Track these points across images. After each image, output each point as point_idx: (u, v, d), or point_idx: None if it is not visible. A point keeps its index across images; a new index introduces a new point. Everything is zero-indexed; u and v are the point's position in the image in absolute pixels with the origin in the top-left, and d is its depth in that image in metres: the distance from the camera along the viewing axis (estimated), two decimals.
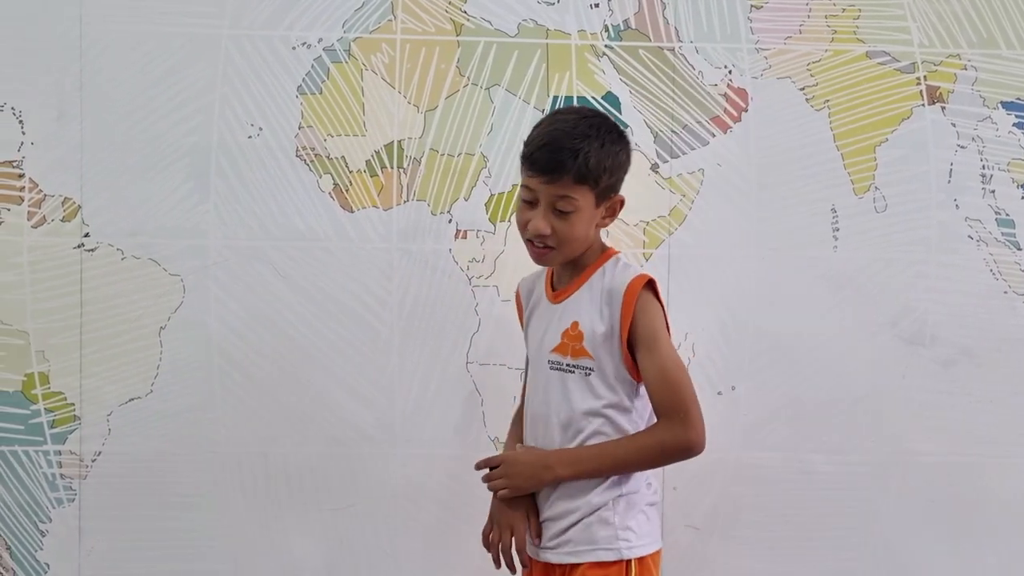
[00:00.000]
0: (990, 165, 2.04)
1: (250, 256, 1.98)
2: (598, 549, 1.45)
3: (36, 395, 1.97)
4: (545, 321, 1.55)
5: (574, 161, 1.41)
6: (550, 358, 1.51)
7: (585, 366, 1.48)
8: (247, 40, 1.97)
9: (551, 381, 1.51)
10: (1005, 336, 2.03)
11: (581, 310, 1.49)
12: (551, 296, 1.56)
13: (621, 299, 1.46)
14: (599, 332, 1.47)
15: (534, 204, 1.46)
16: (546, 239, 1.45)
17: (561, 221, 1.44)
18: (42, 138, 1.96)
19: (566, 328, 1.49)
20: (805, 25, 2.03)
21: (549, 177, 1.42)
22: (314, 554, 2.00)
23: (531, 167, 1.44)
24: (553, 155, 1.42)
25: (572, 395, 1.49)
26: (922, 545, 2.04)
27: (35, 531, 1.98)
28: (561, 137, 1.43)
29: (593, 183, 1.44)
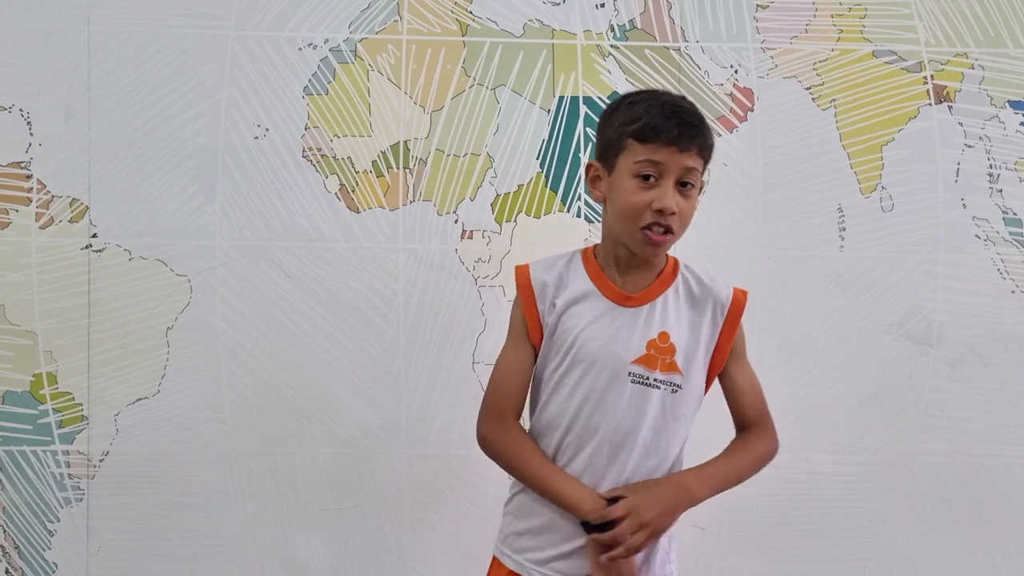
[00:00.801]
0: (997, 164, 2.03)
1: (256, 256, 1.98)
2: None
3: (44, 395, 1.98)
4: (609, 323, 1.35)
5: (702, 129, 1.32)
6: (632, 370, 1.33)
7: (674, 383, 1.35)
8: (253, 41, 1.98)
9: (625, 395, 1.33)
10: (1013, 335, 2.02)
11: (669, 319, 1.36)
12: (618, 297, 1.36)
13: (727, 312, 1.39)
14: (695, 347, 1.36)
15: (653, 182, 1.31)
16: (672, 219, 1.30)
17: (684, 199, 1.31)
18: (50, 139, 1.97)
19: (652, 338, 1.34)
20: (811, 24, 2.03)
21: (687, 145, 1.29)
22: (320, 554, 2.00)
23: (662, 136, 1.29)
24: (687, 123, 1.30)
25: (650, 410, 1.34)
26: (930, 545, 2.03)
27: (43, 531, 1.99)
28: (686, 109, 1.34)
29: (709, 158, 1.35)
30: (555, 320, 1.37)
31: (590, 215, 2.01)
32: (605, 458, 1.35)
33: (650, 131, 1.30)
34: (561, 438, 1.37)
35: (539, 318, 1.39)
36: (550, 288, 1.39)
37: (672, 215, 1.30)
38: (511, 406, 1.40)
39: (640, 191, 1.31)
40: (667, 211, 1.29)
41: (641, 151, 1.30)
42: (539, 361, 1.40)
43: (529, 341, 1.40)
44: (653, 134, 1.29)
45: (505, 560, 1.41)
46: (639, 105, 1.33)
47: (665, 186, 1.30)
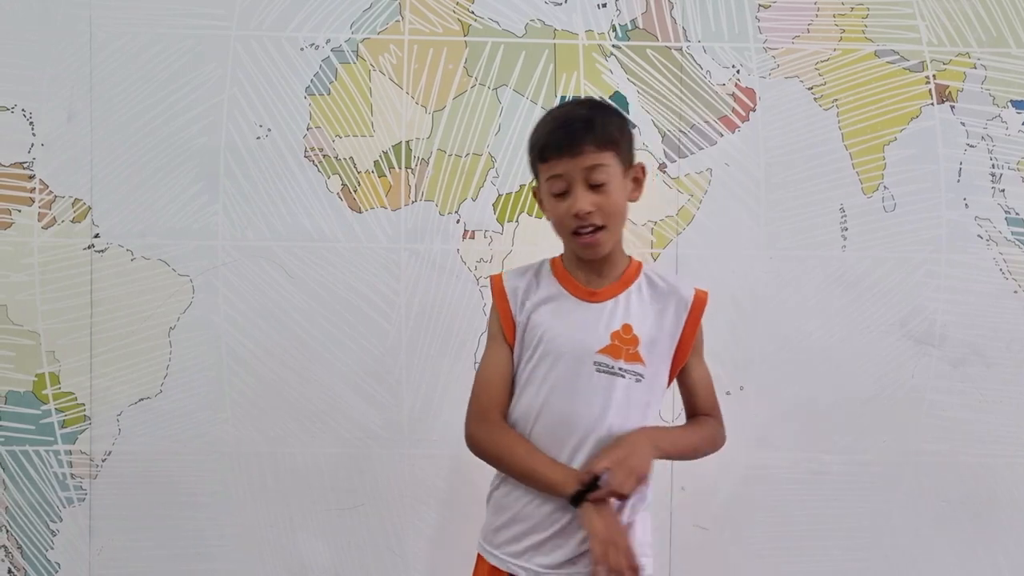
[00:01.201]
0: (1000, 164, 2.03)
1: (259, 256, 1.99)
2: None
3: (47, 395, 1.98)
4: (577, 320, 1.43)
5: (591, 129, 1.39)
6: (597, 359, 1.41)
7: (637, 372, 1.42)
8: (255, 41, 1.98)
9: (591, 383, 1.41)
10: (1015, 335, 2.02)
11: (633, 313, 1.43)
12: (583, 293, 1.45)
13: (689, 309, 1.46)
14: (658, 339, 1.44)
15: (566, 193, 1.40)
16: (592, 217, 1.39)
17: (600, 195, 1.39)
18: (52, 140, 1.97)
19: (616, 330, 1.42)
20: (813, 24, 2.03)
21: (571, 153, 1.38)
22: (322, 553, 2.00)
23: (553, 151, 1.39)
24: (569, 130, 1.39)
25: (615, 398, 1.41)
26: (932, 545, 2.03)
27: (46, 530, 1.99)
28: (570, 114, 1.42)
29: (615, 146, 1.40)
30: (525, 319, 1.46)
31: None
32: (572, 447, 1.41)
33: (543, 150, 1.41)
34: (532, 428, 1.44)
35: (512, 319, 1.47)
36: (520, 291, 1.48)
37: (589, 214, 1.39)
38: (495, 405, 1.47)
39: (558, 204, 1.41)
40: (581, 213, 1.38)
41: (545, 169, 1.41)
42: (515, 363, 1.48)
43: (506, 342, 1.48)
44: (546, 152, 1.41)
45: (487, 556, 1.48)
46: (536, 129, 1.45)
47: (575, 193, 1.39)
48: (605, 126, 1.40)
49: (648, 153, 2.00)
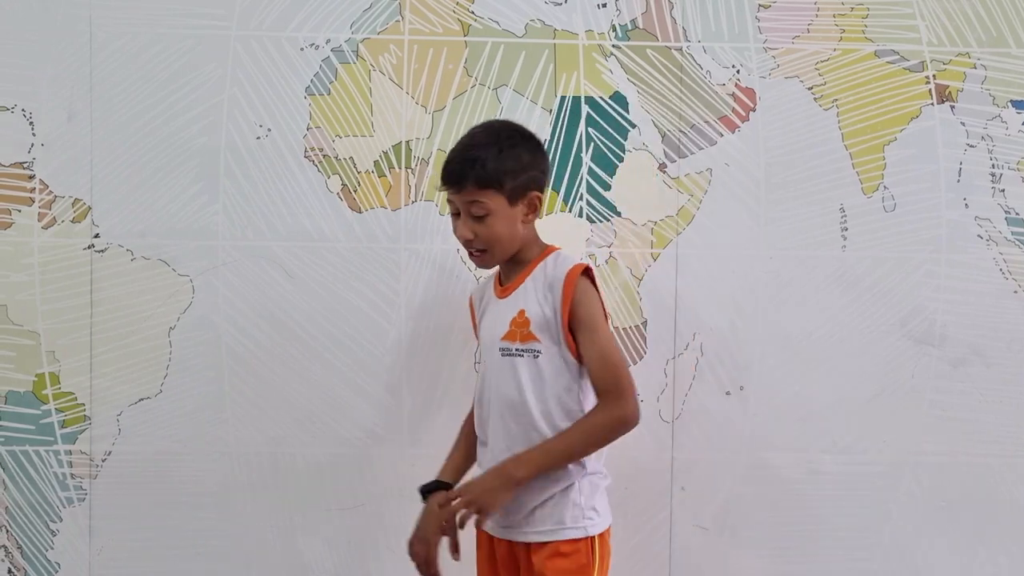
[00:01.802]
0: (1000, 164, 2.03)
1: (259, 256, 1.99)
2: (566, 528, 1.56)
3: (47, 395, 1.98)
4: (494, 316, 1.65)
5: (472, 169, 1.55)
6: (500, 345, 1.60)
7: (534, 349, 1.58)
8: (255, 41, 1.98)
9: (503, 368, 1.60)
10: (1015, 336, 2.02)
11: (528, 299, 1.60)
12: (499, 292, 1.66)
13: (561, 286, 1.57)
14: (545, 317, 1.58)
15: (458, 215, 1.60)
16: (472, 243, 1.59)
17: (480, 225, 1.57)
18: (52, 139, 1.97)
19: (513, 316, 1.60)
20: (813, 24, 2.03)
21: (455, 187, 1.57)
22: (323, 553, 2.00)
23: (443, 181, 1.60)
24: (454, 167, 1.58)
25: (522, 377, 1.58)
26: (933, 545, 2.03)
27: (46, 530, 1.99)
28: (461, 150, 1.61)
29: (497, 186, 1.56)
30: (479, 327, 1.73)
31: (592, 215, 2.01)
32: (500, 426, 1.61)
33: (440, 177, 1.62)
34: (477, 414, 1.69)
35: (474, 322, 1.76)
36: (476, 303, 1.76)
37: (469, 240, 1.59)
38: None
39: (453, 221, 1.63)
40: (461, 239, 1.60)
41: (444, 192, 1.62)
42: None
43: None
44: (440, 180, 1.62)
45: None
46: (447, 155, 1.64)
47: (461, 218, 1.59)
48: (487, 165, 1.55)
49: (648, 153, 2.00)
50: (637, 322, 2.01)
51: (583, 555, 1.56)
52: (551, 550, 1.55)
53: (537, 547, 1.57)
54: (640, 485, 2.00)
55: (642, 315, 2.01)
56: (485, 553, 1.69)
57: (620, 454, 1.95)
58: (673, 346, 2.01)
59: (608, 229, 2.01)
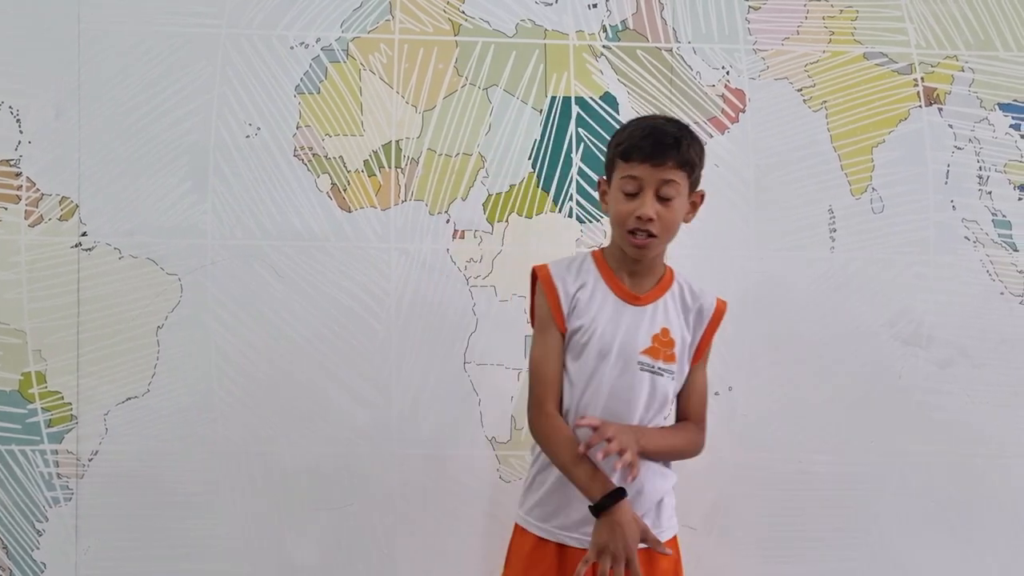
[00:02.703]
0: (987, 166, 2.04)
1: (248, 256, 1.98)
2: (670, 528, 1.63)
3: (33, 394, 1.97)
4: (621, 319, 1.59)
5: (677, 148, 1.53)
6: (640, 359, 1.57)
7: (671, 371, 1.59)
8: (245, 40, 1.98)
9: (640, 382, 1.57)
10: (1002, 337, 2.04)
11: (671, 320, 1.60)
12: (627, 297, 1.60)
13: (710, 319, 1.63)
14: (685, 343, 1.61)
15: (636, 195, 1.54)
16: (651, 224, 1.53)
17: (664, 207, 1.54)
18: (40, 137, 1.96)
19: (656, 333, 1.59)
20: (803, 26, 2.04)
21: (656, 162, 1.52)
22: (311, 553, 2.00)
23: (638, 155, 1.53)
24: (659, 142, 1.52)
25: (659, 396, 1.59)
26: (920, 545, 2.04)
27: (32, 530, 1.98)
28: (662, 129, 1.55)
29: (690, 170, 1.55)
30: (574, 316, 1.60)
31: (582, 215, 2.01)
32: None
33: (629, 150, 1.54)
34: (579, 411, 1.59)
35: (562, 309, 1.60)
36: (570, 284, 1.61)
37: (650, 221, 1.52)
38: (551, 396, 1.60)
39: (625, 202, 1.55)
40: (644, 217, 1.52)
41: (624, 168, 1.55)
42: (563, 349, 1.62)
43: (558, 330, 1.60)
44: (631, 153, 1.54)
45: (531, 529, 1.61)
46: (627, 129, 1.59)
47: (644, 197, 1.53)
48: (689, 149, 1.54)
49: None
50: None
51: (676, 551, 1.64)
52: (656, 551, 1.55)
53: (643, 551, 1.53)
54: None
55: None
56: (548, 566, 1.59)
57: None
58: None
59: (598, 229, 2.01)
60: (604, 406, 1.57)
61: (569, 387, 1.60)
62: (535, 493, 1.62)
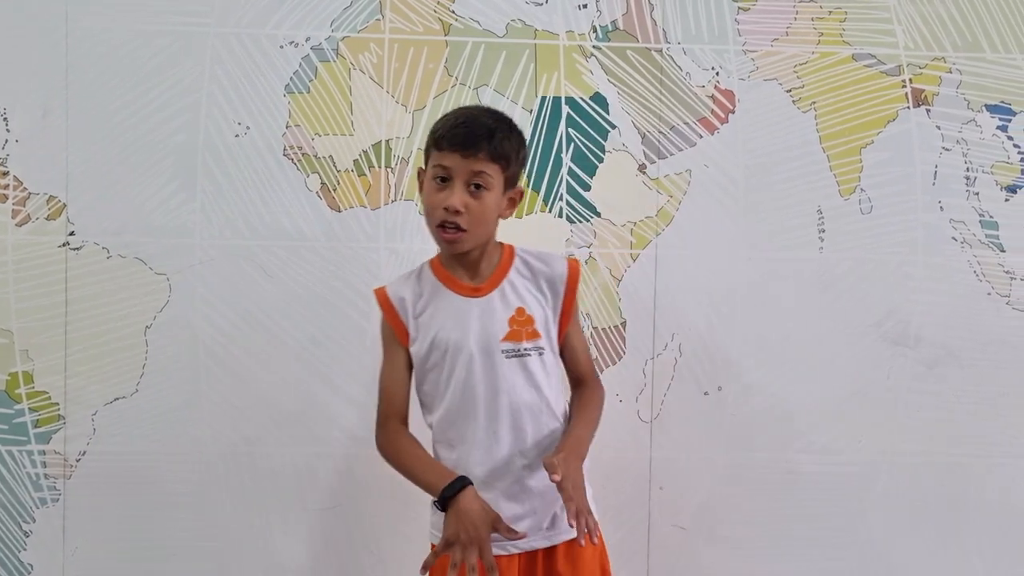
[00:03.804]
0: (974, 167, 2.05)
1: (237, 255, 1.97)
2: None
3: (20, 394, 1.95)
4: (468, 314, 1.56)
5: (490, 139, 1.49)
6: (503, 347, 1.54)
7: (539, 347, 1.57)
8: (234, 38, 1.97)
9: (511, 370, 1.54)
10: (989, 337, 2.05)
11: (523, 296, 1.57)
12: (468, 291, 1.57)
13: (565, 283, 1.59)
14: (545, 314, 1.58)
15: (446, 183, 1.50)
16: (459, 219, 1.49)
17: (474, 199, 1.50)
18: (27, 136, 1.95)
19: (511, 315, 1.55)
20: (792, 27, 2.04)
21: (467, 152, 1.48)
22: (300, 554, 1.99)
23: (448, 144, 1.50)
24: (471, 131, 1.49)
25: (537, 376, 1.56)
26: (908, 545, 2.05)
27: (19, 531, 1.97)
28: (477, 118, 1.53)
29: (504, 163, 1.51)
30: (416, 326, 1.58)
31: (571, 215, 2.01)
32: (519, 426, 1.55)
33: (441, 139, 1.51)
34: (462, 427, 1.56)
35: (405, 326, 1.59)
36: (408, 300, 1.59)
37: (457, 213, 1.49)
38: (394, 414, 1.60)
39: (435, 192, 1.52)
40: (451, 208, 1.48)
41: (436, 157, 1.52)
42: (418, 372, 1.60)
43: (401, 348, 1.60)
44: (444, 142, 1.51)
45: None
46: (443, 118, 1.56)
47: (454, 188, 1.49)
48: (503, 141, 1.51)
49: (628, 154, 2.01)
50: (616, 322, 2.02)
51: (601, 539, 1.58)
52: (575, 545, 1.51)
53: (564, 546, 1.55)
54: (618, 485, 2.00)
55: (621, 315, 2.02)
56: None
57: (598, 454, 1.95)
58: (652, 346, 2.02)
59: (588, 229, 2.01)
60: (480, 407, 1.54)
61: (438, 398, 1.57)
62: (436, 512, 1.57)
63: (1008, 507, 2.06)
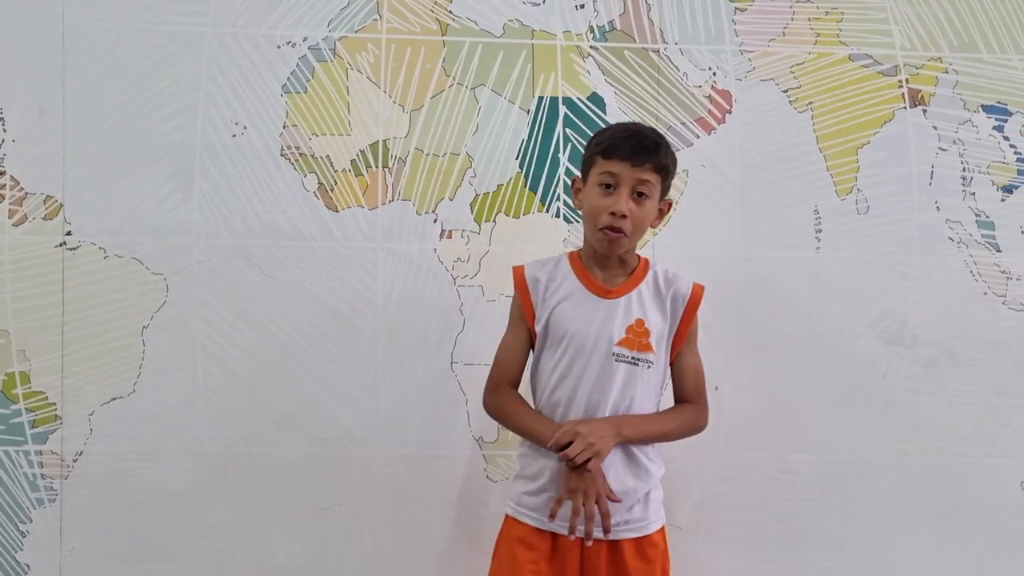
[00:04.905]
0: (970, 168, 2.06)
1: (234, 255, 1.97)
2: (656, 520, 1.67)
3: (17, 395, 1.95)
4: (594, 313, 1.65)
5: (656, 151, 1.62)
6: (616, 351, 1.63)
7: (648, 360, 1.65)
8: (232, 38, 1.97)
9: (615, 373, 1.63)
10: (985, 337, 2.05)
11: (646, 309, 1.66)
12: (599, 291, 1.66)
13: (686, 303, 1.68)
14: (663, 331, 1.67)
15: (611, 190, 1.61)
16: (623, 222, 1.60)
17: (638, 206, 1.61)
18: (24, 135, 1.94)
19: (630, 324, 1.64)
20: (788, 28, 2.05)
21: (635, 161, 1.59)
22: (297, 554, 1.99)
23: (617, 153, 1.60)
24: (640, 144, 1.61)
25: (638, 387, 1.64)
26: (903, 544, 2.06)
27: (15, 532, 1.97)
28: (644, 133, 1.66)
29: (664, 175, 1.64)
30: (547, 311, 1.67)
31: (569, 215, 2.01)
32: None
33: (610, 149, 1.62)
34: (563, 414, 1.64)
35: (533, 308, 1.68)
36: (541, 283, 1.69)
37: (623, 218, 1.59)
38: (506, 379, 1.71)
39: (601, 197, 1.62)
40: (618, 213, 1.59)
41: (603, 165, 1.62)
42: (536, 351, 1.69)
43: (525, 324, 1.70)
44: (612, 151, 1.61)
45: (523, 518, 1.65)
46: (609, 130, 1.68)
47: (620, 193, 1.60)
48: (666, 156, 1.63)
49: None
50: None
51: (663, 542, 1.69)
52: (649, 541, 1.65)
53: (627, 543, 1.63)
54: None
55: None
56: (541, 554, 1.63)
57: None
58: None
59: None
60: (580, 397, 1.64)
61: (545, 381, 1.67)
62: (526, 483, 1.66)
63: (1004, 506, 2.06)
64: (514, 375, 1.71)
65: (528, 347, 1.71)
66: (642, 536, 1.64)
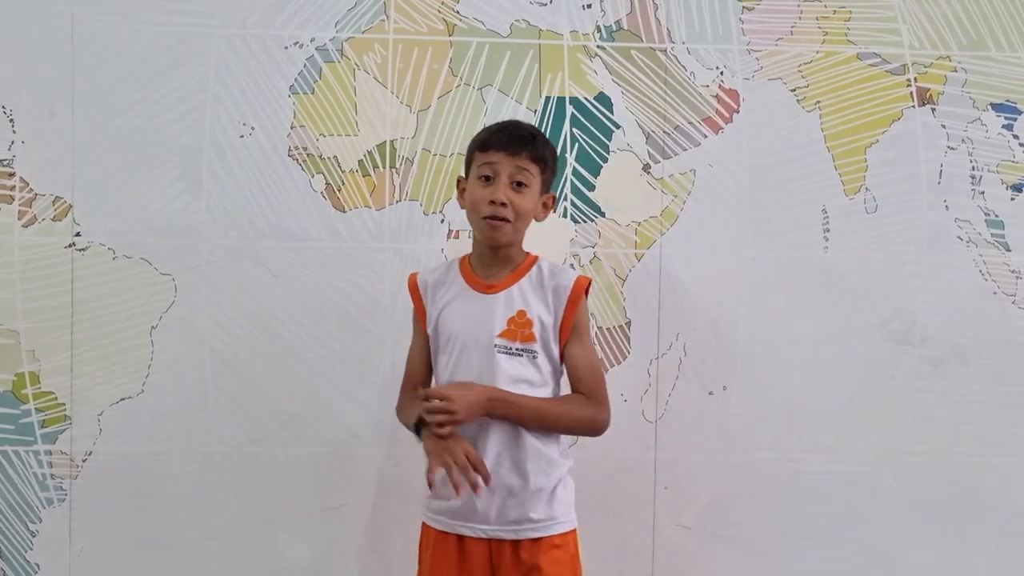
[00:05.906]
0: (980, 166, 2.05)
1: (242, 256, 1.98)
2: (558, 522, 1.63)
3: (26, 395, 1.96)
4: (476, 309, 1.66)
5: (532, 141, 1.66)
6: (497, 343, 1.64)
7: (532, 350, 1.64)
8: (239, 39, 1.97)
9: (498, 364, 1.63)
10: (994, 336, 2.04)
11: (528, 301, 1.66)
12: (481, 287, 1.68)
13: (568, 294, 1.66)
14: (546, 321, 1.65)
15: (490, 181, 1.64)
16: (504, 211, 1.62)
17: (517, 194, 1.63)
18: (33, 137, 1.95)
19: (511, 316, 1.65)
20: (796, 27, 2.04)
21: (514, 150, 1.63)
22: (305, 554, 2.00)
23: (493, 143, 1.64)
24: (515, 134, 1.66)
25: (522, 377, 1.64)
26: (912, 544, 2.05)
27: (25, 531, 1.97)
28: (519, 125, 1.72)
29: (543, 165, 1.66)
30: (436, 313, 1.70)
31: (576, 215, 2.01)
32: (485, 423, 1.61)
33: (487, 141, 1.66)
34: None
35: (425, 311, 1.73)
36: (430, 285, 1.73)
37: (503, 206, 1.62)
38: (408, 384, 1.76)
39: (481, 189, 1.64)
40: (497, 201, 1.62)
41: (481, 158, 1.66)
42: (432, 355, 1.72)
43: (421, 329, 1.74)
44: (488, 143, 1.66)
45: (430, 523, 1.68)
46: (484, 129, 1.72)
47: (498, 184, 1.63)
48: (543, 146, 1.68)
49: (632, 154, 2.01)
50: (621, 322, 2.02)
51: (572, 546, 1.65)
52: (546, 544, 1.61)
53: (529, 543, 1.61)
54: (623, 484, 2.00)
55: (626, 315, 2.02)
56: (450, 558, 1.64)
57: (603, 454, 1.97)
58: (657, 346, 2.02)
59: (592, 229, 2.01)
60: None
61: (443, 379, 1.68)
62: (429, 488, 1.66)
63: (1013, 506, 2.05)
64: (416, 379, 1.75)
65: (428, 351, 1.73)
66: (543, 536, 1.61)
